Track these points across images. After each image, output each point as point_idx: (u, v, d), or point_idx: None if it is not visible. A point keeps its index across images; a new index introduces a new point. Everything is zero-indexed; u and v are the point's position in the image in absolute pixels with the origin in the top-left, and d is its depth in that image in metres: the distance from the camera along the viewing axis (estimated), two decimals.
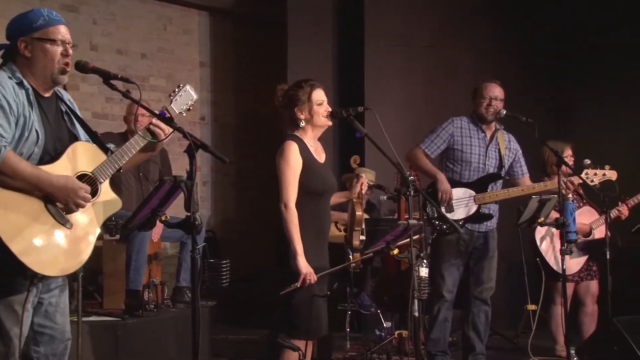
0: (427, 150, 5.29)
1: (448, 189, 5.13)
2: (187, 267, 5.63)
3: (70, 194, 2.96)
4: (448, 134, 5.28)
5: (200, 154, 2.96)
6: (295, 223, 3.79)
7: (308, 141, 3.98)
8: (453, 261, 5.23)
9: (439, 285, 5.21)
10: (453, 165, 5.28)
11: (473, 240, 5.25)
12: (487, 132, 5.31)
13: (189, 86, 3.33)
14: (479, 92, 5.27)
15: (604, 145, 7.03)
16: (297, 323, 3.84)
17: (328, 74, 7.75)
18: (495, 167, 5.29)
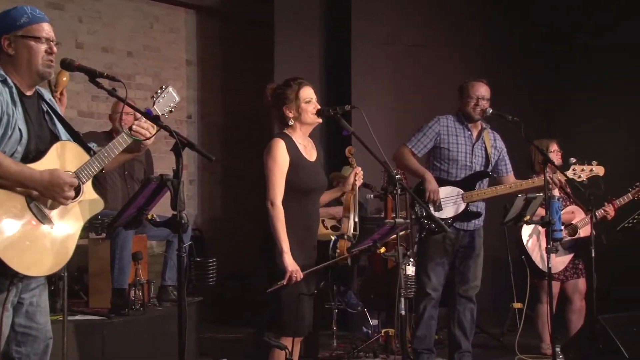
0: (414, 149, 5.29)
1: (436, 188, 5.14)
2: (174, 266, 5.60)
3: (57, 189, 2.94)
4: (435, 132, 5.28)
5: (186, 152, 2.95)
6: (282, 221, 3.79)
7: (297, 139, 3.97)
8: (439, 260, 5.24)
9: (425, 283, 5.23)
10: (440, 163, 5.29)
11: (459, 239, 5.26)
12: (473, 131, 5.32)
13: (172, 88, 3.32)
14: (466, 91, 5.28)
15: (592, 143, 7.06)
16: (284, 321, 3.84)
17: (315, 72, 7.74)
18: (482, 165, 5.31)
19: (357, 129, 4.04)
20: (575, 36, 7.91)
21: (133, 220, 3.12)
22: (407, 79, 7.82)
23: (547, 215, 4.82)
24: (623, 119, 7.40)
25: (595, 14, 7.72)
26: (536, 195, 4.97)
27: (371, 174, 6.25)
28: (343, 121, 3.96)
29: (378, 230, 3.89)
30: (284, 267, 3.76)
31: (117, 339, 4.97)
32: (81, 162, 3.09)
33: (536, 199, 4.94)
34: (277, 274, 3.78)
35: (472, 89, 5.26)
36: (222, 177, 8.67)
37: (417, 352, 5.27)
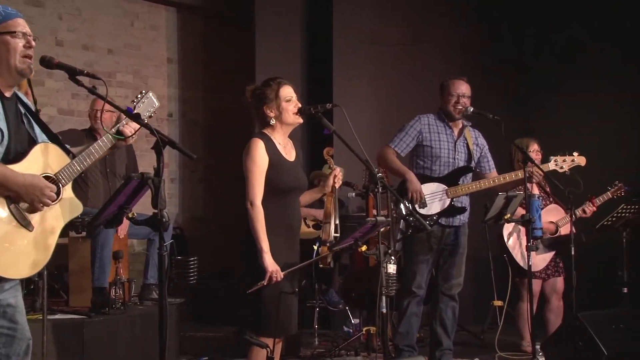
0: (397, 149, 5.30)
1: (418, 187, 5.15)
2: (155, 265, 5.59)
3: (37, 192, 2.92)
4: (416, 131, 5.30)
5: (168, 150, 2.94)
6: (261, 221, 3.79)
7: (277, 139, 3.97)
8: (424, 257, 5.25)
9: (410, 281, 5.23)
10: (423, 161, 5.31)
11: (445, 236, 5.28)
12: (455, 129, 5.34)
13: (152, 93, 3.32)
14: (447, 89, 5.29)
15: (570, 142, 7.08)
16: (265, 320, 3.84)
17: (297, 70, 7.74)
18: (465, 161, 5.33)
19: (338, 127, 4.04)
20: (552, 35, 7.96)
21: (114, 218, 3.11)
22: (389, 78, 7.83)
23: (527, 214, 4.85)
24: (601, 117, 7.46)
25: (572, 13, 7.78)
26: (517, 193, 5.01)
27: (353, 172, 6.27)
28: (324, 120, 3.96)
29: (359, 229, 3.89)
30: (264, 268, 3.76)
31: (97, 338, 4.95)
32: (62, 164, 3.07)
33: (517, 197, 4.97)
34: (257, 274, 3.78)
35: (453, 87, 5.27)
36: (204, 175, 8.65)
37: (399, 348, 5.27)
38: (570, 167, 5.28)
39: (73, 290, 5.50)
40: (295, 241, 4.02)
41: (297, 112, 3.97)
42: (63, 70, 3.06)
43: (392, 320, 5.81)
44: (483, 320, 7.00)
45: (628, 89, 7.38)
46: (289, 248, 3.96)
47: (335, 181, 4.13)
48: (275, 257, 3.80)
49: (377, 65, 7.85)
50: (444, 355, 5.33)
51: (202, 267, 5.27)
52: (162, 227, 2.88)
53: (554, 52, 7.99)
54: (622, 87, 7.42)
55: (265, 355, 3.75)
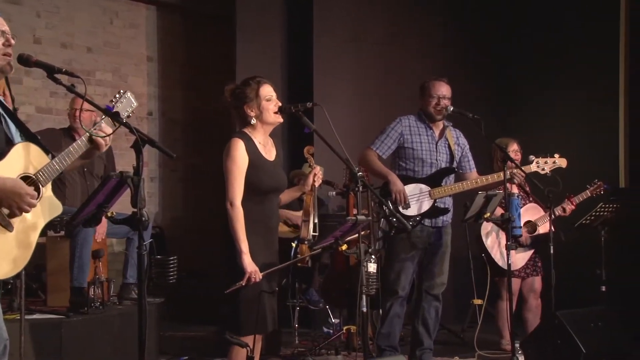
0: (378, 151, 5.31)
1: (401, 188, 5.16)
2: (134, 264, 5.57)
3: (16, 199, 2.89)
4: (397, 133, 5.31)
5: (147, 149, 2.93)
6: (241, 221, 3.79)
7: (257, 138, 3.96)
8: (408, 258, 5.27)
9: (394, 282, 5.24)
10: (405, 163, 5.32)
11: (428, 236, 5.29)
12: (435, 129, 5.36)
13: (130, 93, 3.31)
14: (427, 91, 5.30)
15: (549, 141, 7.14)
16: (244, 320, 3.84)
17: (277, 69, 7.74)
18: (447, 162, 5.35)
19: (319, 126, 4.04)
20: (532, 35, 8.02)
21: (92, 217, 3.10)
22: (369, 77, 7.85)
23: (506, 213, 4.88)
24: (580, 116, 7.52)
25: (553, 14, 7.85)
26: (496, 192, 5.04)
27: (333, 171, 6.28)
28: (305, 118, 3.96)
29: (340, 228, 3.90)
30: (242, 268, 3.76)
31: (76, 338, 4.92)
32: (42, 164, 3.05)
33: (496, 197, 5.00)
34: (236, 274, 3.78)
35: (433, 88, 5.28)
36: (183, 174, 8.62)
37: (381, 348, 5.28)
38: (552, 168, 5.33)
39: (51, 290, 5.47)
40: (273, 241, 4.02)
41: (277, 111, 3.97)
42: (41, 68, 3.03)
43: (373, 319, 5.83)
44: (463, 319, 7.04)
45: (607, 88, 7.44)
46: (268, 248, 3.96)
47: (315, 180, 4.14)
48: (254, 257, 3.80)
49: (358, 64, 7.87)
50: (424, 354, 5.35)
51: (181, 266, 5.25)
52: (141, 226, 2.87)
53: (534, 52, 8.05)
54: (601, 86, 7.48)
55: (246, 355, 3.74)
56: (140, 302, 2.86)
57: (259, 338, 3.93)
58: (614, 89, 7.37)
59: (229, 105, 4.01)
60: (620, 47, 7.33)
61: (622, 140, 7.30)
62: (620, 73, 7.34)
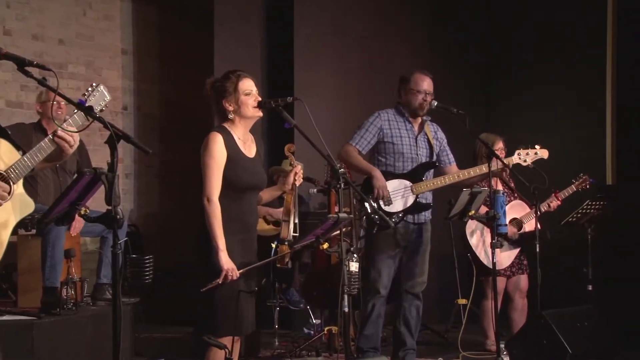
0: (358, 147, 5.31)
1: (384, 184, 5.17)
2: (108, 263, 5.54)
3: None
4: (377, 127, 5.31)
5: (122, 145, 2.92)
6: (218, 218, 3.78)
7: (236, 134, 3.96)
8: (389, 256, 5.27)
9: (376, 281, 5.25)
10: (385, 158, 5.33)
11: (409, 233, 5.31)
12: (414, 124, 5.38)
13: (103, 86, 3.30)
14: (412, 85, 5.29)
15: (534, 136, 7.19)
16: (222, 320, 3.83)
17: (256, 63, 7.72)
18: (427, 156, 5.37)
19: (299, 121, 4.04)
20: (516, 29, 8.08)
21: (65, 215, 3.08)
22: (352, 71, 7.85)
23: (492, 210, 4.91)
24: (565, 111, 7.58)
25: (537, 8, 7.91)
26: (481, 189, 5.06)
27: (314, 168, 6.29)
28: (285, 113, 3.95)
29: (321, 226, 3.90)
30: (219, 266, 3.75)
31: (48, 340, 4.89)
32: (13, 160, 3.03)
33: (481, 193, 5.03)
34: (213, 273, 3.77)
35: (417, 84, 5.28)
36: (160, 170, 8.60)
37: (363, 350, 5.29)
38: (534, 159, 5.35)
39: (22, 290, 5.43)
40: (252, 239, 4.02)
41: (256, 106, 3.96)
42: (11, 60, 3.01)
43: (355, 319, 5.85)
44: (447, 319, 7.07)
45: (594, 83, 7.50)
46: (246, 246, 3.95)
47: (296, 179, 4.13)
48: (231, 256, 3.79)
49: (340, 58, 7.87)
50: (407, 355, 5.37)
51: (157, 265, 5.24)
52: (116, 224, 2.86)
53: (520, 46, 8.10)
54: (588, 81, 7.54)
55: (224, 357, 3.74)
56: (115, 302, 2.85)
57: (237, 339, 3.93)
58: (601, 84, 7.42)
59: (209, 98, 4.00)
60: (608, 41, 7.39)
61: (609, 137, 7.36)
62: (608, 67, 7.40)
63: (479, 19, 8.26)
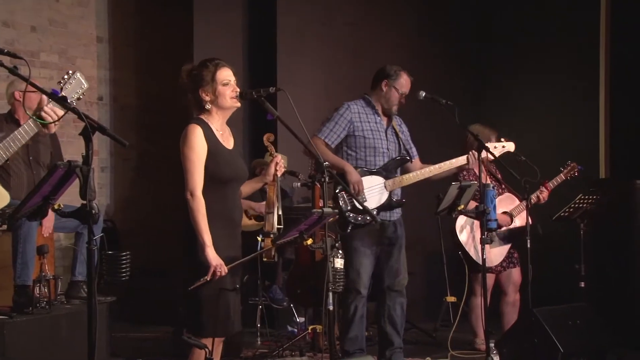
0: (327, 140, 5.29)
1: (359, 179, 5.17)
2: (83, 260, 5.53)
3: None
4: (347, 120, 5.31)
5: (98, 137, 2.91)
6: (203, 212, 3.77)
7: (214, 125, 3.95)
8: (367, 254, 5.29)
9: (355, 282, 5.25)
10: (356, 152, 5.32)
11: (385, 230, 5.32)
12: (383, 117, 5.41)
13: (80, 73, 3.28)
14: (396, 84, 5.32)
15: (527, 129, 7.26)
16: (204, 319, 3.83)
17: (238, 52, 7.71)
18: (397, 151, 5.39)
19: (282, 112, 4.04)
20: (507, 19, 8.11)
21: (38, 210, 3.06)
22: (337, 61, 7.85)
23: (481, 204, 4.92)
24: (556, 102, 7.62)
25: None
26: (470, 183, 5.07)
27: (298, 161, 6.29)
28: (267, 104, 3.95)
29: (305, 221, 3.90)
30: (207, 262, 3.74)
31: (20, 340, 4.88)
32: None
33: (470, 187, 5.04)
34: (199, 270, 3.76)
35: (403, 85, 5.33)
36: (137, 163, 8.57)
37: (349, 353, 5.30)
38: (501, 153, 5.39)
39: None
40: (236, 234, 4.02)
41: (235, 97, 3.95)
42: None
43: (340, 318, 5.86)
44: (435, 317, 7.09)
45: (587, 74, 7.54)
46: (231, 242, 3.95)
47: (277, 169, 4.13)
48: (217, 251, 3.79)
49: (325, 47, 7.86)
50: (395, 354, 5.39)
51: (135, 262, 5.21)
52: (91, 219, 2.85)
53: (511, 36, 8.13)
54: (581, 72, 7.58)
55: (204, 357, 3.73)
56: (90, 301, 2.85)
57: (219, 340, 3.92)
58: (594, 75, 7.46)
59: (185, 87, 3.98)
60: (601, 31, 7.42)
61: (603, 129, 7.40)
62: (601, 57, 7.44)
63: (469, 7, 8.27)
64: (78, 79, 3.27)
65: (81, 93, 3.29)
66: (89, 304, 2.84)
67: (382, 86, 5.36)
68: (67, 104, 3.07)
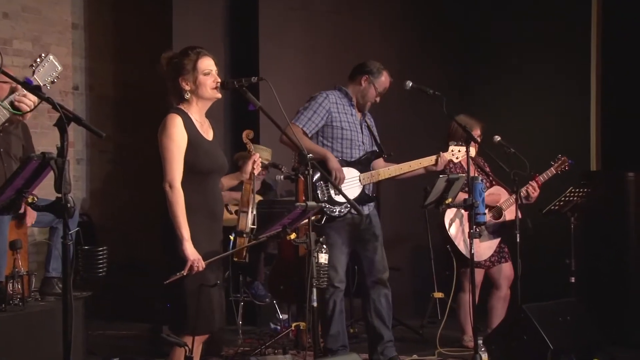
0: (305, 129, 5.30)
1: (340, 167, 5.20)
2: (58, 255, 5.50)
3: None
4: (325, 109, 5.32)
5: (73, 128, 2.89)
6: (182, 205, 3.77)
7: (194, 115, 3.94)
8: (343, 248, 5.32)
9: (332, 276, 5.24)
10: (332, 143, 5.34)
11: (360, 223, 5.34)
12: (357, 110, 5.44)
13: (52, 56, 3.26)
14: (376, 82, 5.35)
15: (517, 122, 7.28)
16: (184, 316, 3.82)
17: (218, 40, 7.69)
18: (371, 145, 5.42)
19: (265, 103, 4.04)
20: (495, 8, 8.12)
21: (11, 204, 3.05)
22: (321, 49, 7.84)
23: (470, 197, 4.94)
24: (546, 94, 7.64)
25: None
26: (458, 176, 5.10)
27: (281, 152, 6.28)
28: (249, 94, 3.95)
29: (288, 215, 3.91)
30: (184, 257, 3.74)
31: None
32: None
33: (459, 180, 5.06)
34: (176, 264, 3.76)
35: (382, 84, 5.37)
36: (114, 156, 8.54)
37: (332, 350, 5.31)
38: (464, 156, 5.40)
39: None
40: (217, 228, 4.02)
41: (216, 87, 3.94)
42: None
43: None
44: (422, 314, 7.11)
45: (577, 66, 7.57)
46: (211, 236, 3.95)
47: (255, 167, 4.13)
48: (196, 246, 3.78)
49: (308, 34, 7.85)
50: (387, 348, 5.41)
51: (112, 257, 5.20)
52: (66, 213, 2.84)
53: (499, 27, 8.14)
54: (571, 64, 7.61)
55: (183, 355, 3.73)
56: (65, 297, 2.84)
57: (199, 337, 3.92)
58: (585, 67, 7.49)
59: (164, 75, 3.97)
60: (592, 22, 7.45)
61: (594, 121, 7.44)
62: (592, 48, 7.47)
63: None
64: (51, 61, 3.25)
65: (55, 76, 3.27)
66: (64, 301, 2.84)
67: (361, 81, 5.39)
68: (41, 94, 3.05)
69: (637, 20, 7.16)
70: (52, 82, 3.24)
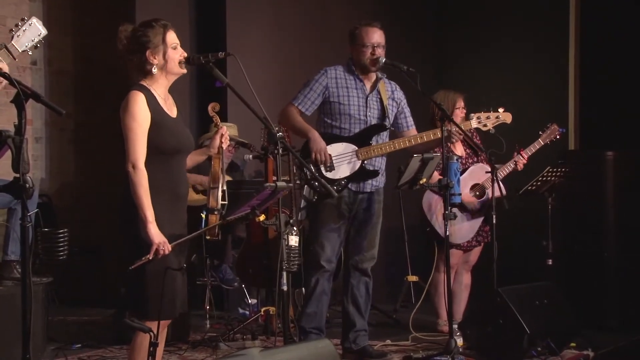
0: (301, 107, 5.32)
1: (321, 147, 5.18)
2: (17, 238, 5.47)
3: None
4: (322, 86, 5.32)
5: (31, 105, 2.87)
6: (145, 186, 3.75)
7: (157, 91, 3.91)
8: (334, 227, 5.31)
9: (318, 254, 5.28)
10: (331, 119, 5.34)
11: (357, 202, 5.34)
12: (367, 82, 5.39)
13: (36, 19, 3.23)
14: (359, 39, 5.32)
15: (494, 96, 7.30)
16: (148, 301, 3.81)
17: (184, 14, 7.64)
18: (378, 118, 5.39)
19: (232, 79, 4.03)
20: None
21: None
22: (290, 24, 7.83)
23: (445, 178, 4.96)
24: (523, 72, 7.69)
25: None
26: (433, 155, 5.09)
27: (250, 131, 6.29)
28: (216, 70, 3.93)
29: (257, 196, 3.91)
30: (149, 240, 3.73)
31: None
32: None
33: (433, 160, 5.07)
34: (140, 248, 3.74)
35: (366, 36, 5.30)
36: (75, 134, 8.48)
37: (306, 330, 5.32)
38: (495, 124, 5.38)
39: None
40: (181, 210, 4.00)
41: (185, 62, 3.92)
42: None
43: (295, 299, 5.89)
44: (395, 298, 7.16)
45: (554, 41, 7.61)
46: (175, 218, 3.93)
47: (223, 141, 4.11)
48: (160, 227, 3.77)
49: (277, 9, 7.83)
50: (359, 337, 5.43)
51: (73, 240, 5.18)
52: (25, 194, 2.83)
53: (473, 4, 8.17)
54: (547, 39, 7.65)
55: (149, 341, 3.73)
56: (24, 282, 2.83)
57: (165, 323, 3.92)
58: (563, 43, 7.54)
59: (124, 49, 3.93)
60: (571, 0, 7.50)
61: (572, 100, 7.50)
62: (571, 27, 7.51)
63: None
64: (34, 24, 3.23)
65: (38, 41, 3.24)
66: (23, 286, 2.83)
67: (351, 49, 5.37)
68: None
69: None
70: (35, 47, 3.21)
